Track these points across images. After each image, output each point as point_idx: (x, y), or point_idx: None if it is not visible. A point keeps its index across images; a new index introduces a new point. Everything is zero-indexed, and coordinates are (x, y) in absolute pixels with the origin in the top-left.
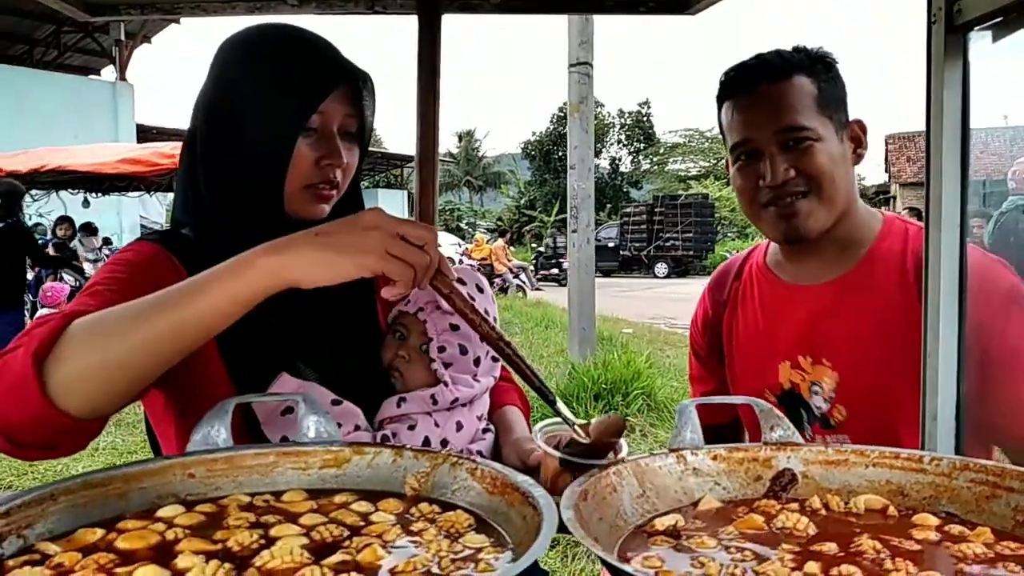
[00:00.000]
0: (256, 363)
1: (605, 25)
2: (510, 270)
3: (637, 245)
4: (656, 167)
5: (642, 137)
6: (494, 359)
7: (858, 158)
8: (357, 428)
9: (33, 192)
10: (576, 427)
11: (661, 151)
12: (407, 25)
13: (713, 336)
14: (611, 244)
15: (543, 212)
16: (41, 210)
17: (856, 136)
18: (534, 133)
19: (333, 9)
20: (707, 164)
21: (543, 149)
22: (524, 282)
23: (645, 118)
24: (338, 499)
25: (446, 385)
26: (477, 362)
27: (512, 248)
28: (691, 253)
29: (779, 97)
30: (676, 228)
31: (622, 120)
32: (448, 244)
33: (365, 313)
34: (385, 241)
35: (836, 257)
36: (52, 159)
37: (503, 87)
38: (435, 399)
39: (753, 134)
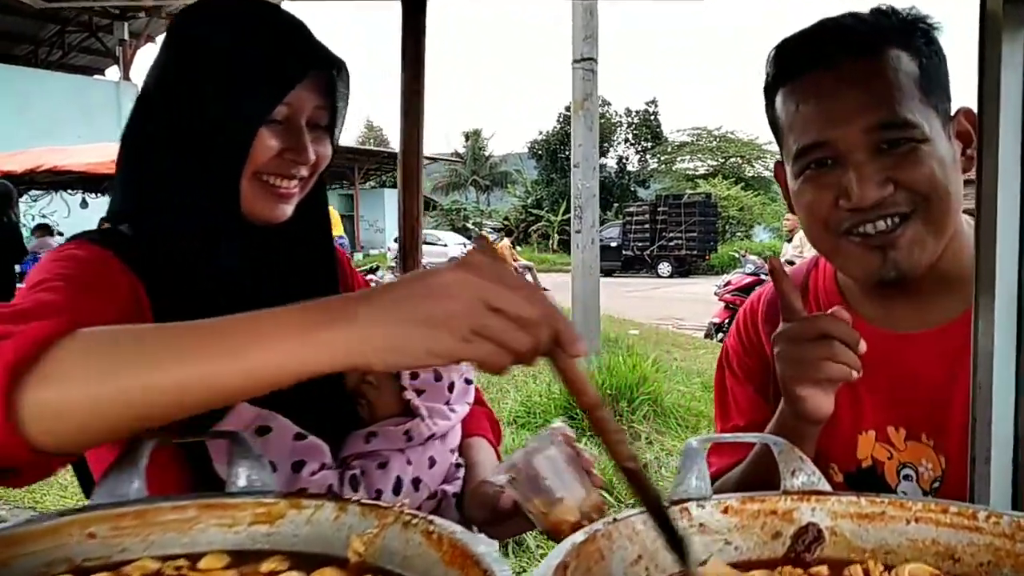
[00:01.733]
0: None
1: (610, 22)
2: (516, 270)
3: (640, 245)
4: (664, 166)
5: (649, 136)
6: (467, 381)
7: (968, 162)
8: (323, 467)
9: (32, 192)
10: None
11: (669, 150)
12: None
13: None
14: (613, 244)
15: (550, 212)
16: (44, 211)
17: (965, 131)
18: (540, 132)
19: None
20: (715, 163)
21: (550, 148)
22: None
23: (652, 117)
24: (265, 567)
25: (422, 419)
26: (451, 388)
27: (518, 248)
28: (695, 253)
29: (868, 79)
30: (679, 228)
31: (629, 119)
32: (454, 244)
33: None
34: (472, 316)
35: (941, 297)
36: (49, 159)
37: (510, 87)
38: (409, 435)
39: (832, 134)
